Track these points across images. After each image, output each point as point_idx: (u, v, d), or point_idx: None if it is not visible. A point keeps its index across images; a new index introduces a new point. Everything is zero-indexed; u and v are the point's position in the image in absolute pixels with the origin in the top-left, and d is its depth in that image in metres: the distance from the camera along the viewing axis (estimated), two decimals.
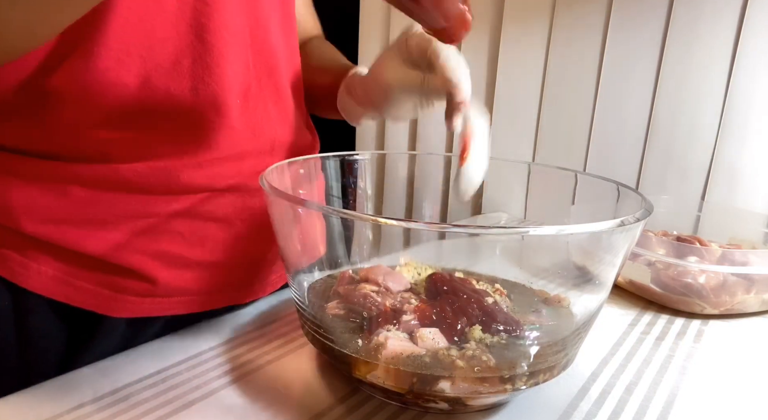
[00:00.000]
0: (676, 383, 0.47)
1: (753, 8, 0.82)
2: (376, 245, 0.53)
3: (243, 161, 0.49)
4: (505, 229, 0.34)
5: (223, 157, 0.48)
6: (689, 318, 0.61)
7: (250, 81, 0.48)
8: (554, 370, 0.40)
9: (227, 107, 0.46)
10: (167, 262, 0.47)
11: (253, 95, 0.49)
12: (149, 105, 0.43)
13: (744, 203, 0.87)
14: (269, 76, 0.51)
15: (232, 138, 0.47)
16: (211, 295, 0.51)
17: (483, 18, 1.12)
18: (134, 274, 0.46)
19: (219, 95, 0.45)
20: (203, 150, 0.46)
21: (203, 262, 0.49)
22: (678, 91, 0.91)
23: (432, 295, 0.46)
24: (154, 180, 0.45)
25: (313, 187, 0.56)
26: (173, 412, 0.40)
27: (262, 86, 0.50)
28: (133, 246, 0.46)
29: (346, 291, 0.46)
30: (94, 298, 0.46)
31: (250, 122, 0.49)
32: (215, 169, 0.47)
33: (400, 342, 0.39)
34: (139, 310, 0.48)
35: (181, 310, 0.50)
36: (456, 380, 0.36)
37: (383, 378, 0.38)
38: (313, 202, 0.39)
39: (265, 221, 0.50)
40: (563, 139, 1.05)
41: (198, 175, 0.46)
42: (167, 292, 0.48)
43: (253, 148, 0.50)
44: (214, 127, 0.46)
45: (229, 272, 0.51)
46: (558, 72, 1.03)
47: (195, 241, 0.48)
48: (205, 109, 0.45)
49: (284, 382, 0.44)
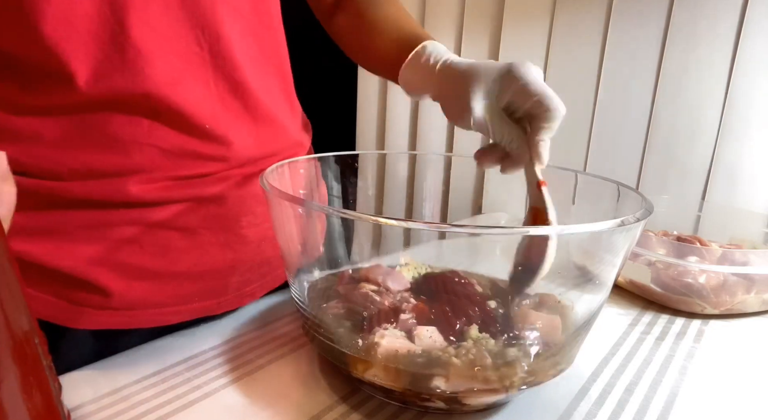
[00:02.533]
0: (676, 383, 0.47)
1: (753, 8, 0.82)
2: (376, 245, 0.53)
3: (205, 177, 0.47)
4: (505, 229, 0.34)
5: (181, 177, 0.45)
6: (689, 318, 0.61)
7: (213, 101, 0.46)
8: (554, 371, 0.40)
9: (183, 137, 0.44)
10: (124, 274, 0.45)
11: (217, 118, 0.46)
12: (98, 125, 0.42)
13: (744, 203, 0.87)
14: (234, 93, 0.47)
15: (194, 162, 0.45)
16: (177, 308, 0.49)
17: (483, 18, 1.12)
18: (89, 286, 0.44)
19: (174, 121, 0.43)
20: (159, 169, 0.44)
21: (165, 273, 0.47)
22: (678, 91, 0.91)
23: (430, 295, 0.46)
24: (106, 195, 0.43)
25: (315, 190, 0.56)
26: (173, 412, 0.40)
27: (227, 106, 0.47)
28: (86, 258, 0.44)
29: (346, 290, 0.46)
30: (53, 309, 0.44)
31: (214, 144, 0.46)
32: (169, 183, 0.45)
33: (395, 340, 0.39)
34: (96, 323, 0.46)
35: (145, 323, 0.47)
36: (451, 378, 0.36)
37: (379, 376, 0.38)
38: (313, 203, 0.39)
39: (234, 228, 0.49)
40: (563, 139, 1.04)
41: (152, 188, 0.44)
42: (125, 304, 0.46)
43: (220, 168, 0.47)
44: (172, 151, 0.44)
45: (196, 283, 0.49)
46: (558, 72, 1.03)
47: (155, 251, 0.46)
48: (163, 135, 0.43)
49: (284, 382, 0.44)
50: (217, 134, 0.46)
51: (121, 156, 0.43)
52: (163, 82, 0.42)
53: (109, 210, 0.44)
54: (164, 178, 0.44)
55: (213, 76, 0.45)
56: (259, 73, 0.49)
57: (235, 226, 0.49)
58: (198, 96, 0.44)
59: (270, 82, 0.51)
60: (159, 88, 0.42)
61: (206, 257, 0.48)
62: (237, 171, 0.49)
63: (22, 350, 0.26)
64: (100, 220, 0.44)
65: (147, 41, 0.41)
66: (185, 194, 0.46)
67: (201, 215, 0.47)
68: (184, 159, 0.45)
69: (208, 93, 0.45)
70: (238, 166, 0.49)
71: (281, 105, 0.54)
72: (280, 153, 0.53)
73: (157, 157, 0.44)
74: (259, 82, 0.49)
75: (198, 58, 0.44)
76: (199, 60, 0.44)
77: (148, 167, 0.44)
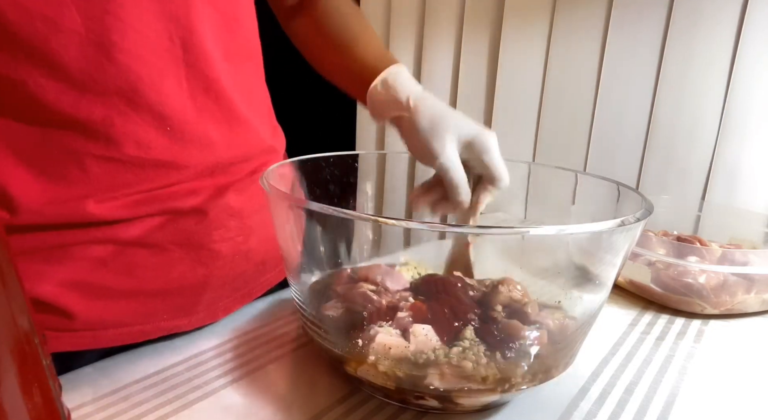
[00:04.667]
0: (676, 383, 0.47)
1: (753, 8, 0.82)
2: (376, 245, 0.53)
3: (171, 188, 0.44)
4: (505, 229, 0.34)
5: (145, 190, 0.43)
6: (689, 318, 0.61)
7: (183, 98, 0.43)
8: (554, 371, 0.40)
9: (149, 140, 0.42)
10: (87, 295, 0.43)
11: (187, 119, 0.44)
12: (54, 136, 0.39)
13: (744, 203, 0.87)
14: (206, 91, 0.45)
15: (156, 172, 0.43)
16: (143, 327, 0.46)
17: (483, 18, 1.12)
18: (50, 308, 0.42)
19: (137, 124, 0.41)
20: (119, 185, 0.42)
21: (132, 291, 0.44)
22: (678, 91, 0.91)
23: (429, 295, 0.46)
24: (64, 218, 0.41)
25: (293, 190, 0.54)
26: (173, 412, 0.40)
27: (199, 105, 0.44)
28: (46, 277, 0.41)
29: (344, 290, 0.46)
30: None
31: (183, 152, 0.44)
32: (135, 198, 0.43)
33: (389, 337, 0.39)
34: (56, 346, 0.43)
35: (107, 343, 0.45)
36: (445, 377, 0.36)
37: (371, 373, 0.38)
38: (313, 203, 0.39)
39: (206, 244, 0.47)
40: (563, 139, 1.05)
41: (115, 206, 0.42)
42: (88, 325, 0.44)
43: (185, 177, 0.44)
44: (132, 162, 0.41)
45: (164, 301, 0.46)
46: (558, 72, 1.03)
47: (121, 269, 0.43)
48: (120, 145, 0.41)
49: (284, 382, 0.44)
50: (186, 134, 0.43)
51: (77, 174, 0.40)
52: (132, 77, 0.40)
53: (72, 230, 0.41)
54: (128, 194, 0.42)
55: (185, 74, 0.43)
56: (232, 71, 0.47)
57: (207, 240, 0.47)
58: (168, 92, 0.42)
59: (244, 83, 0.49)
60: (126, 82, 0.40)
61: (175, 274, 0.46)
62: (208, 181, 0.46)
63: (22, 349, 0.26)
64: (62, 241, 0.41)
65: (114, 32, 0.38)
66: (153, 209, 0.44)
67: (171, 230, 0.45)
68: (146, 169, 0.42)
69: (180, 90, 0.43)
70: (209, 174, 0.46)
71: (255, 107, 0.52)
72: (253, 158, 0.51)
73: (117, 170, 0.41)
74: (232, 81, 0.47)
75: (169, 53, 0.42)
76: (171, 56, 0.42)
77: (108, 184, 0.41)
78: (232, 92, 0.47)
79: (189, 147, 0.44)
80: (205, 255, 0.47)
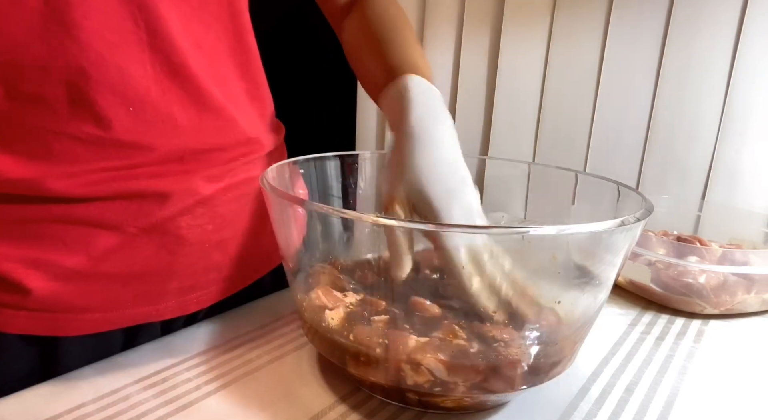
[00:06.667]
0: (676, 383, 0.47)
1: (753, 8, 0.82)
2: (376, 245, 0.53)
3: (135, 170, 0.43)
4: (505, 229, 0.34)
5: (105, 169, 0.42)
6: (689, 318, 0.61)
7: (148, 85, 0.43)
8: (553, 371, 0.40)
9: (109, 119, 0.41)
10: (43, 271, 0.42)
11: (151, 101, 0.43)
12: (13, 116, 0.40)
13: (744, 203, 0.87)
14: (173, 77, 0.44)
15: (118, 151, 0.42)
16: (107, 314, 0.45)
17: (483, 18, 1.12)
18: (5, 282, 0.42)
19: (97, 103, 0.40)
20: (79, 162, 0.41)
21: (90, 272, 0.44)
22: (678, 91, 0.91)
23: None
24: (23, 191, 0.41)
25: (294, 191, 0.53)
26: (173, 412, 0.40)
27: (164, 89, 0.44)
28: (4, 251, 0.41)
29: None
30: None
31: (147, 134, 0.43)
32: (95, 177, 0.42)
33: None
34: (15, 325, 0.43)
35: (71, 330, 0.45)
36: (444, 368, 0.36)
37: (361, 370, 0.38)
38: (313, 203, 0.39)
39: (170, 229, 0.46)
40: (563, 139, 1.05)
41: (72, 184, 0.41)
42: (45, 306, 0.43)
43: (150, 160, 0.44)
44: (92, 140, 0.41)
45: (126, 286, 0.45)
46: (558, 72, 1.03)
47: (78, 248, 0.43)
48: (81, 123, 0.41)
49: (284, 382, 0.44)
50: (149, 115, 0.43)
51: (38, 149, 0.41)
52: (92, 56, 0.39)
53: (32, 205, 0.41)
54: (88, 171, 0.42)
55: (150, 58, 0.42)
56: (207, 59, 0.46)
57: (171, 226, 0.46)
58: (132, 74, 0.41)
59: (223, 72, 0.49)
60: (87, 61, 0.39)
61: (138, 258, 0.45)
62: (177, 167, 0.45)
63: None
64: (22, 216, 0.42)
65: (75, 10, 0.38)
66: (113, 189, 0.43)
67: (133, 212, 0.44)
68: (107, 148, 0.42)
69: (144, 72, 0.42)
70: (177, 159, 0.45)
71: (236, 97, 0.50)
72: (230, 149, 0.49)
73: (78, 148, 0.41)
74: (206, 69, 0.46)
75: (134, 36, 0.41)
76: (135, 38, 0.41)
77: (68, 161, 0.41)
78: (205, 80, 0.46)
79: (152, 129, 0.43)
80: (170, 241, 0.46)
